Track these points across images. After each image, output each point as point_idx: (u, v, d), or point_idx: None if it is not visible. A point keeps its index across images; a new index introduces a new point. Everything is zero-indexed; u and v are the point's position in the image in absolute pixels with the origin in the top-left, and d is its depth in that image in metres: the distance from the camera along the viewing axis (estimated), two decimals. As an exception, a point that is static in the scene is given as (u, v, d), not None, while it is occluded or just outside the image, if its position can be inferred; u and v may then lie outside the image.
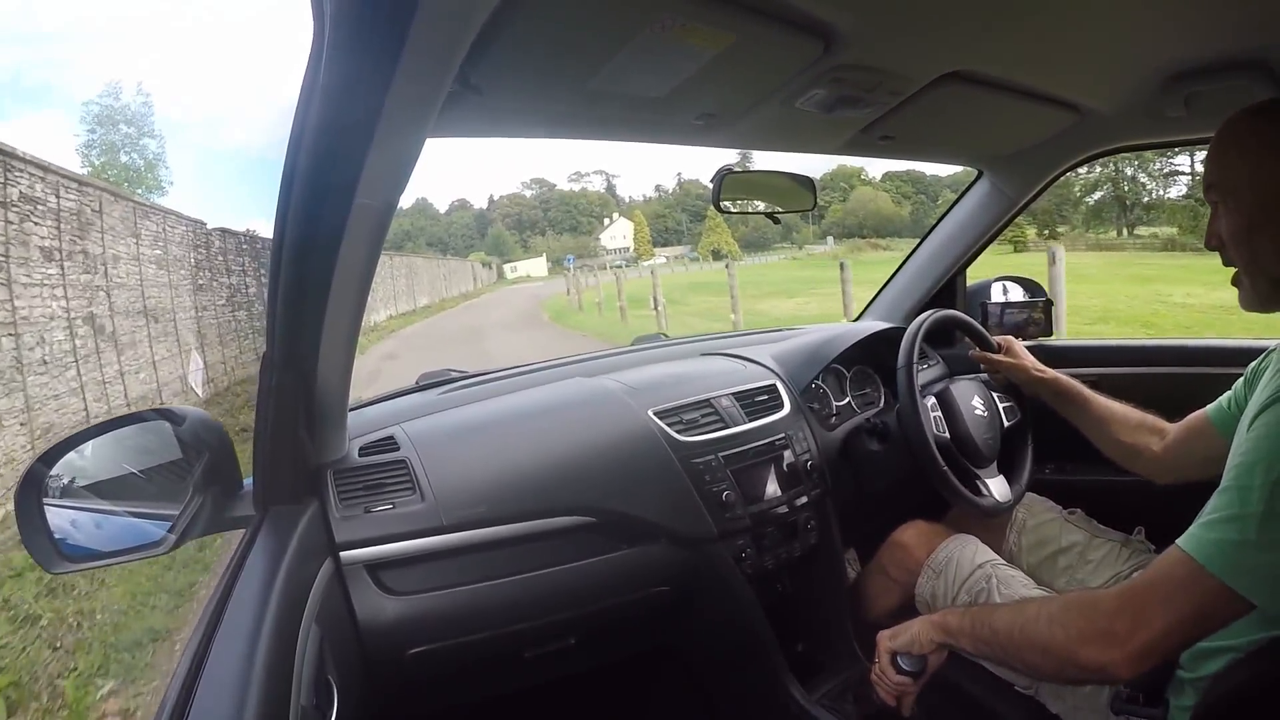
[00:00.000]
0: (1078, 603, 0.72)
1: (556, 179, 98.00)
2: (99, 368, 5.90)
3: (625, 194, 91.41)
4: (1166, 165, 32.06)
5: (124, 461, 0.80)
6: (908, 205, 74.93)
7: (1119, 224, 34.49)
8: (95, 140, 19.92)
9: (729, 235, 61.75)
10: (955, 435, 1.20)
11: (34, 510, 0.72)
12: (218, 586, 0.67)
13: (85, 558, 0.75)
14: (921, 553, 1.14)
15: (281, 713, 0.55)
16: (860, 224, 69.14)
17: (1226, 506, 0.65)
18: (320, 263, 0.65)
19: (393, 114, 0.53)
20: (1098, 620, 0.68)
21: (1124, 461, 1.10)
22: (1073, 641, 0.69)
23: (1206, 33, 0.87)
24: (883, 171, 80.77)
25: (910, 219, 69.56)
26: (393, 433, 1.04)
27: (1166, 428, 1.07)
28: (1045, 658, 0.73)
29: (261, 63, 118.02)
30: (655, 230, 78.02)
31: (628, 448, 1.10)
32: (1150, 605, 0.66)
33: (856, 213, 73.39)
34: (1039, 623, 0.73)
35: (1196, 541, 0.66)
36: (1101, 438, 1.12)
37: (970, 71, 0.92)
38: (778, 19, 0.70)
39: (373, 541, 0.91)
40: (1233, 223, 0.75)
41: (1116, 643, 0.66)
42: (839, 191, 76.59)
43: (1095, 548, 1.11)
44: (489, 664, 1.04)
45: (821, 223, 73.00)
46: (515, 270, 66.89)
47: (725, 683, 1.28)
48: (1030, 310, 1.59)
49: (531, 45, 0.66)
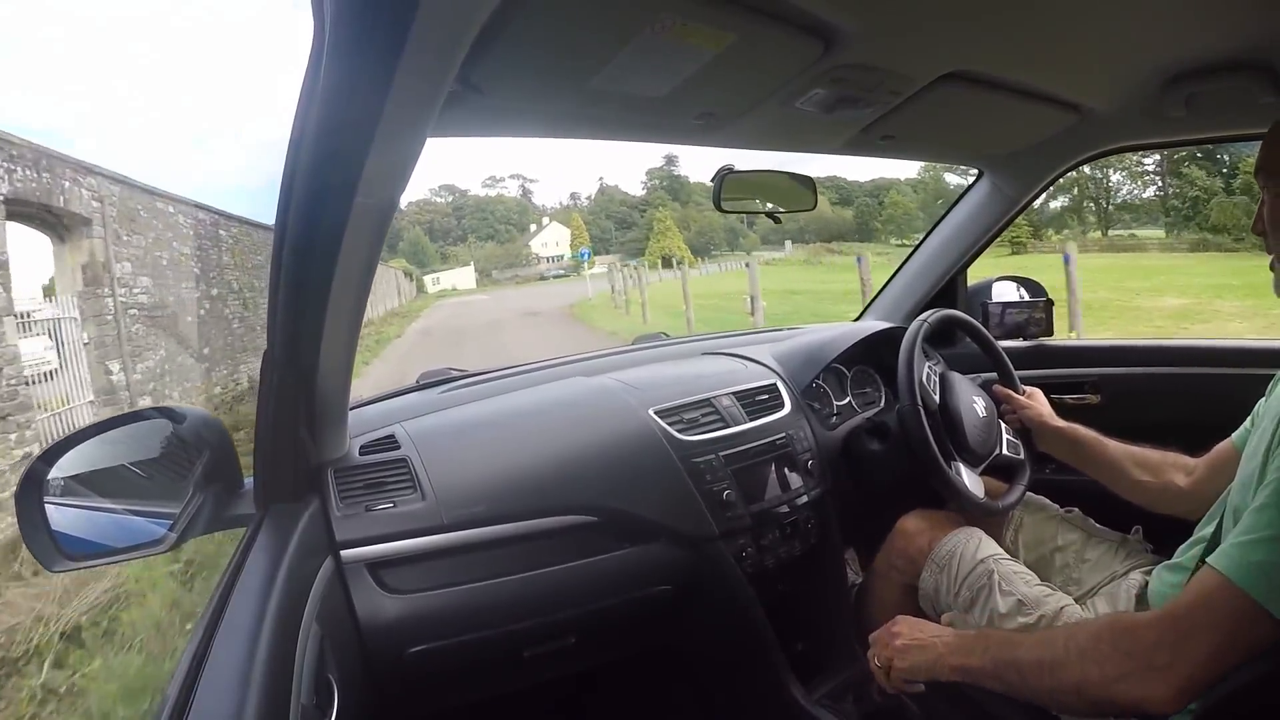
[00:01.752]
0: (1110, 633, 0.68)
1: (469, 184, 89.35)
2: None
3: (542, 201, 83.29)
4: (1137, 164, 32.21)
5: (125, 460, 0.80)
6: (849, 209, 71.18)
7: (1099, 224, 34.62)
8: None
9: (680, 239, 56.15)
10: (946, 408, 1.18)
11: (35, 508, 0.72)
12: (218, 585, 0.68)
13: (86, 556, 0.75)
14: (924, 541, 1.13)
15: (282, 711, 0.55)
16: (802, 230, 65.38)
17: (1268, 526, 0.62)
18: (321, 262, 0.65)
19: (393, 114, 0.53)
20: (1135, 653, 0.64)
21: (1151, 502, 1.05)
22: (1109, 680, 0.65)
23: (1207, 33, 0.87)
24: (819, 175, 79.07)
25: (854, 223, 66.83)
26: (393, 431, 1.04)
27: (1191, 463, 1.03)
28: (1079, 698, 0.68)
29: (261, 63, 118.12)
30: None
31: (628, 447, 1.10)
32: (1191, 634, 0.62)
33: (797, 218, 70.41)
34: (1069, 659, 0.68)
35: (1236, 565, 0.62)
36: (1124, 481, 1.08)
37: (970, 71, 0.92)
38: (778, 19, 0.70)
39: (373, 540, 0.91)
40: (1276, 209, 0.74)
41: (1157, 676, 0.62)
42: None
43: (1092, 547, 1.11)
44: (489, 663, 1.04)
45: (754, 229, 67.53)
46: (438, 283, 55.12)
47: (725, 682, 1.28)
48: (1031, 310, 1.59)
49: (532, 45, 0.66)
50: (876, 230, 57.49)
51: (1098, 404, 1.46)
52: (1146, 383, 1.43)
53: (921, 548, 1.13)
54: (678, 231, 56.56)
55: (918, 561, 1.13)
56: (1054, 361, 1.53)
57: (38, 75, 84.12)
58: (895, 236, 51.71)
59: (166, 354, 7.09)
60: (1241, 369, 1.28)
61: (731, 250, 61.84)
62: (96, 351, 6.03)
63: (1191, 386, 1.37)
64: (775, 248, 63.06)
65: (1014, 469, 1.21)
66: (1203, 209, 27.69)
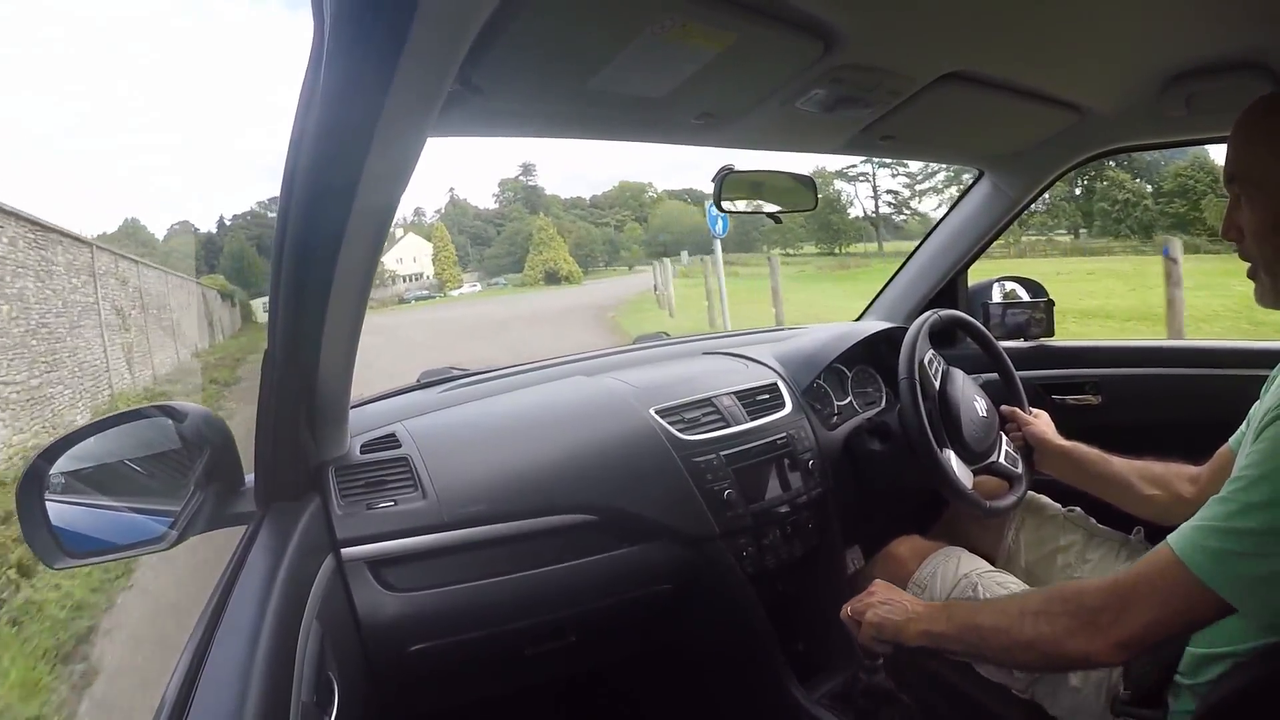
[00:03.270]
0: (1060, 596, 0.74)
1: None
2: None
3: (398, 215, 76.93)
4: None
5: (126, 457, 0.80)
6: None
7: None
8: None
9: (566, 251, 49.11)
10: (945, 398, 1.17)
11: (36, 506, 0.72)
12: (219, 583, 0.68)
13: (87, 553, 0.75)
14: (913, 566, 1.13)
15: (282, 709, 0.55)
16: (678, 241, 55.47)
17: (1224, 518, 0.65)
18: (321, 261, 0.65)
19: (393, 114, 0.53)
20: (1082, 613, 0.70)
21: (1160, 515, 1.04)
22: (1059, 635, 0.71)
23: (1208, 33, 0.87)
24: (665, 189, 67.13)
25: (732, 234, 64.04)
26: (394, 430, 1.04)
27: (1195, 472, 1.03)
28: (1032, 653, 0.75)
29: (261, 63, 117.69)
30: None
31: (629, 446, 1.10)
32: (1134, 601, 0.68)
33: (670, 229, 59.62)
34: (1024, 621, 0.75)
35: (1188, 545, 0.66)
36: (1131, 497, 1.07)
37: (971, 71, 0.92)
38: (778, 19, 0.70)
39: (374, 538, 0.91)
40: (1257, 217, 0.74)
41: (1100, 633, 0.69)
42: (629, 209, 62.68)
43: (1094, 547, 1.11)
44: (490, 662, 1.04)
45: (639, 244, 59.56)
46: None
47: (725, 682, 1.28)
48: (1031, 310, 1.59)
49: (532, 45, 0.66)
50: (756, 240, 51.02)
51: (1098, 404, 1.46)
52: (1147, 383, 1.43)
53: (909, 573, 1.12)
54: (563, 242, 49.61)
55: (903, 585, 1.11)
56: (1055, 362, 1.53)
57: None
58: (779, 246, 46.26)
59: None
60: (1241, 370, 1.28)
61: (610, 265, 56.46)
62: None
63: (1192, 387, 1.37)
64: (675, 261, 57.84)
65: (1010, 480, 1.20)
66: (1132, 211, 28.04)
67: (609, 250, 59.17)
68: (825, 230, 43.78)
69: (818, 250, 42.30)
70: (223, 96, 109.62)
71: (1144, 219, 27.66)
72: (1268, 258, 0.74)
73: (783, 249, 44.61)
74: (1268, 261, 0.75)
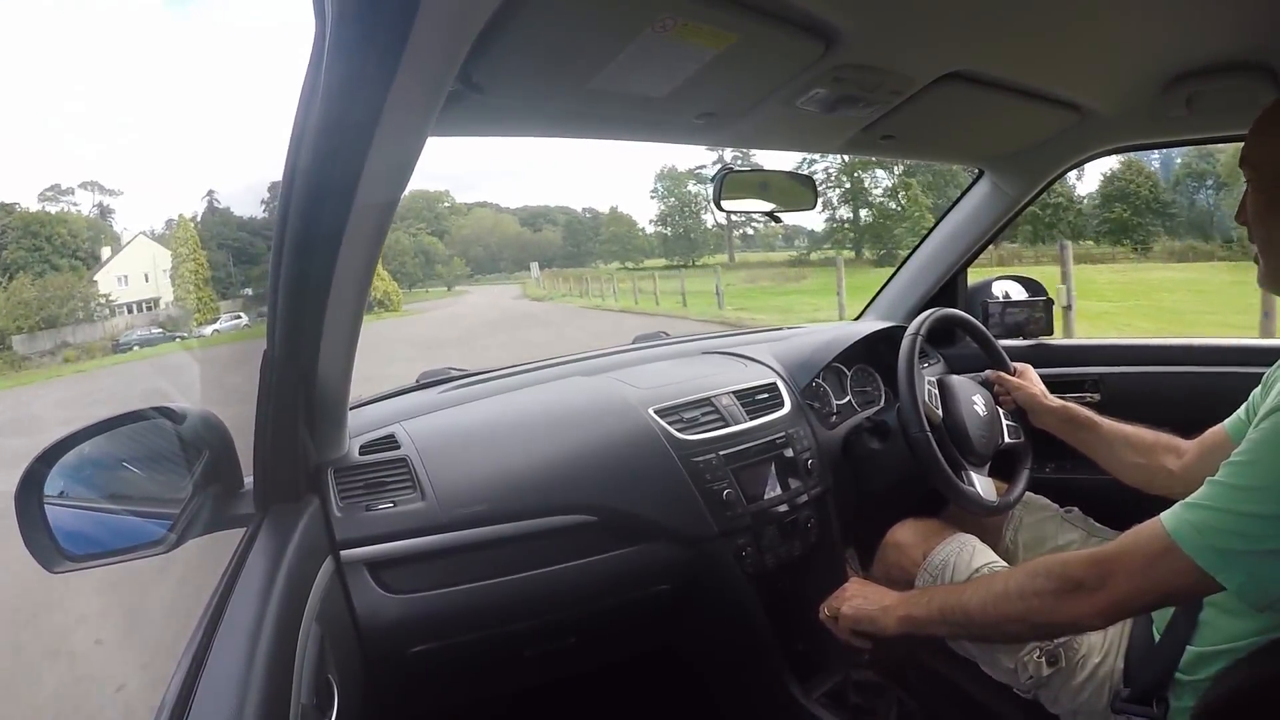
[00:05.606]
0: (1044, 567, 0.76)
1: (19, 197, 52.75)
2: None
3: (127, 223, 53.60)
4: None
5: (124, 460, 0.80)
6: (551, 228, 59.38)
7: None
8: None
9: (379, 268, 35.75)
10: (950, 418, 1.19)
11: (34, 509, 0.72)
12: (218, 585, 0.67)
13: (86, 556, 0.75)
14: (918, 552, 1.13)
15: (282, 712, 0.55)
16: (494, 256, 52.88)
17: (1217, 500, 0.66)
18: (321, 261, 0.65)
19: (394, 113, 0.53)
20: (1066, 580, 0.72)
21: (1142, 484, 1.07)
22: (1046, 604, 0.74)
23: (1207, 33, 0.87)
24: (477, 200, 61.86)
25: (562, 242, 55.62)
26: (393, 431, 1.04)
27: (1183, 445, 1.04)
28: (1025, 625, 0.78)
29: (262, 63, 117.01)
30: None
31: (628, 446, 1.10)
32: (1119, 571, 0.70)
33: (484, 242, 55.27)
34: (1010, 595, 0.77)
35: (1178, 521, 0.67)
36: (1116, 462, 1.10)
37: (971, 71, 0.92)
38: (779, 19, 0.70)
39: (373, 540, 0.91)
40: (1258, 200, 0.76)
41: (1085, 598, 0.71)
42: (423, 221, 56.37)
43: (1091, 546, 1.11)
44: (489, 663, 1.04)
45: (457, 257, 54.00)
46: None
47: (725, 682, 1.28)
48: (1030, 309, 1.60)
49: (533, 45, 0.66)
50: (593, 253, 49.44)
51: (1098, 403, 1.46)
52: (1147, 381, 1.43)
53: (915, 560, 1.13)
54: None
55: (911, 573, 1.13)
56: (1054, 360, 1.53)
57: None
58: (617, 259, 44.91)
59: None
60: (1241, 367, 1.29)
61: (425, 281, 50.43)
62: None
63: (1192, 385, 1.37)
64: (504, 278, 48.55)
65: (1017, 455, 1.23)
66: (1064, 215, 28.08)
67: (424, 264, 51.02)
68: (682, 241, 41.92)
69: (666, 264, 39.55)
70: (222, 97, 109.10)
71: (1076, 223, 27.77)
72: (1262, 239, 0.77)
73: (621, 262, 42.89)
74: (1263, 243, 0.77)
